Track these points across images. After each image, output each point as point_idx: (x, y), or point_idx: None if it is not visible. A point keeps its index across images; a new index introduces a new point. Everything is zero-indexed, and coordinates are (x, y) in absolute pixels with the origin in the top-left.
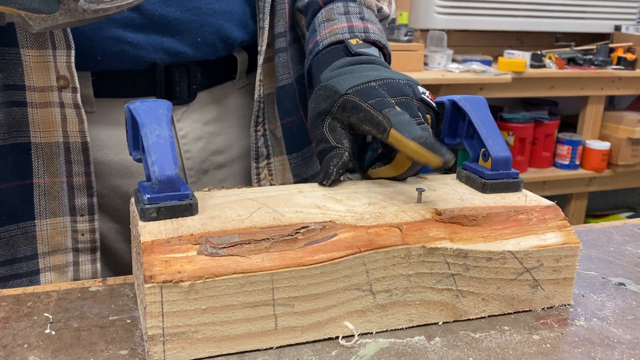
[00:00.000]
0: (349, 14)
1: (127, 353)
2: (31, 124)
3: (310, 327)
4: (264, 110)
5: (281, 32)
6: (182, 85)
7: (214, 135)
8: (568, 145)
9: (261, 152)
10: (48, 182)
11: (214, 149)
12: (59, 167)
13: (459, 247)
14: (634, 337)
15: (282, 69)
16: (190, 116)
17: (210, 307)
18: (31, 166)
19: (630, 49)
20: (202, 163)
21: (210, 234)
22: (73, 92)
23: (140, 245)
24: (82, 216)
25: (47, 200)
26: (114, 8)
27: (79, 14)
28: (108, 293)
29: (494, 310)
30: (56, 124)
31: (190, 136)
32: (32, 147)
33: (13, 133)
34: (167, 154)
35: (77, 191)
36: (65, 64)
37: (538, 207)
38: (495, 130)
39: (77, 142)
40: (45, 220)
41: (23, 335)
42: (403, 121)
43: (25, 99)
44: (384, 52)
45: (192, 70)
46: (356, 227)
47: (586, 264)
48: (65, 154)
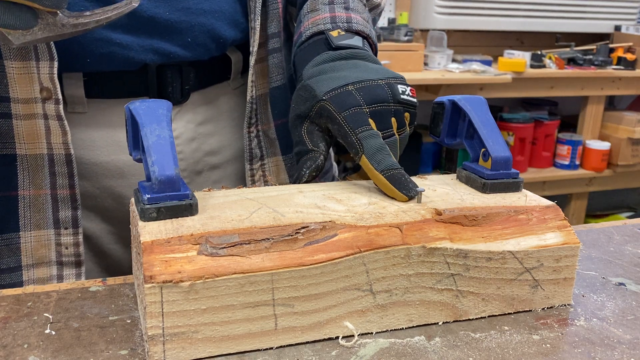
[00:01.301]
0: (333, 4)
1: (127, 353)
2: (16, 135)
3: (310, 327)
4: (257, 111)
5: (275, 33)
6: (174, 86)
7: (207, 136)
8: (568, 145)
9: (255, 153)
10: (33, 194)
11: (207, 150)
12: (43, 179)
13: (459, 247)
14: (634, 337)
15: (276, 70)
16: (183, 117)
17: (210, 307)
18: (17, 178)
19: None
20: (195, 164)
21: (210, 234)
22: (56, 103)
23: (140, 245)
24: (66, 229)
25: (31, 212)
26: (93, 22)
27: (57, 28)
28: (108, 293)
29: (494, 310)
30: (40, 135)
31: (184, 137)
32: (18, 158)
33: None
34: (167, 154)
35: (61, 204)
36: (48, 75)
37: (538, 207)
38: (495, 130)
39: (61, 154)
40: (30, 232)
41: (23, 335)
42: (374, 148)
43: (10, 110)
44: (369, 42)
45: (185, 71)
46: (356, 227)
47: (586, 264)
48: (49, 166)
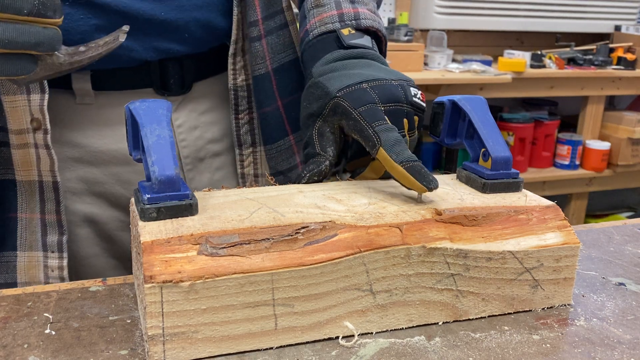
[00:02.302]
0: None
1: (127, 353)
2: (14, 163)
3: (310, 327)
4: (249, 99)
5: (253, 21)
6: (176, 78)
7: (210, 124)
8: (568, 145)
9: (244, 139)
10: (28, 217)
11: (209, 138)
12: (35, 203)
13: (459, 247)
14: (634, 337)
15: (257, 59)
16: (186, 106)
17: (210, 307)
18: (16, 201)
19: (630, 49)
20: (198, 151)
21: (210, 234)
22: (44, 133)
23: (140, 245)
24: (52, 252)
25: (27, 234)
26: (86, 59)
27: (56, 67)
28: (108, 293)
29: (494, 310)
30: (32, 163)
31: (186, 125)
32: (17, 184)
33: (1, 170)
34: (167, 154)
35: (49, 228)
36: (38, 107)
37: (538, 207)
38: (495, 130)
39: (49, 181)
40: (24, 252)
41: (23, 335)
42: (392, 140)
43: (8, 140)
44: (378, 35)
45: (185, 64)
46: (356, 227)
47: (586, 264)
48: (39, 192)
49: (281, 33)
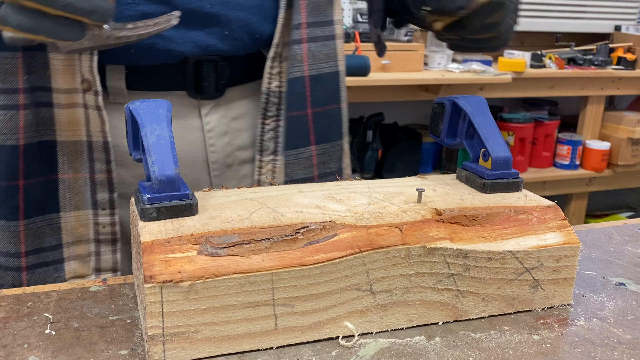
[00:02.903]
0: None
1: (127, 353)
2: (57, 123)
3: (310, 327)
4: (277, 104)
5: (297, 25)
6: (210, 81)
7: (239, 131)
8: (568, 145)
9: (266, 146)
10: (72, 177)
11: (239, 145)
12: (82, 163)
13: (459, 247)
14: (634, 337)
15: (294, 62)
16: (217, 111)
17: (210, 307)
18: (57, 162)
19: (630, 49)
20: (226, 157)
21: (210, 234)
22: (95, 94)
23: (140, 245)
24: (103, 210)
25: (71, 194)
26: (135, 36)
27: (102, 39)
28: (108, 293)
29: (494, 310)
30: (80, 123)
31: (216, 130)
32: (58, 144)
33: (40, 131)
34: (167, 154)
35: (99, 187)
36: (88, 68)
37: (538, 207)
38: (495, 130)
39: (100, 141)
40: (70, 212)
41: (23, 335)
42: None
43: (52, 100)
44: None
45: (220, 67)
46: (356, 227)
47: (586, 264)
48: (88, 152)
49: (327, 43)
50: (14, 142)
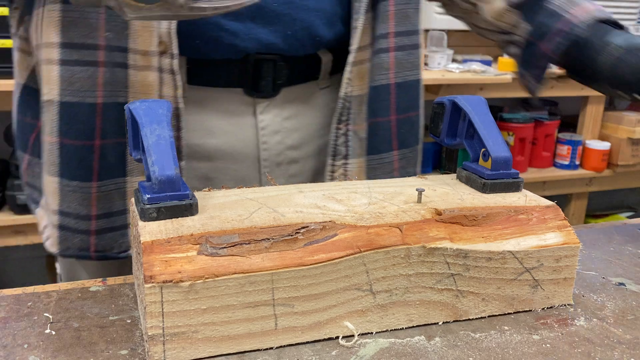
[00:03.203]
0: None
1: (127, 353)
2: (130, 85)
3: (310, 327)
4: (349, 110)
5: (384, 34)
6: (267, 80)
7: (292, 130)
8: (568, 145)
9: (339, 150)
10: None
11: (289, 144)
12: None
13: (459, 247)
14: (634, 337)
15: (380, 70)
16: (272, 110)
17: (210, 307)
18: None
19: None
20: (277, 156)
21: (210, 234)
22: (171, 57)
23: (140, 245)
24: None
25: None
26: (211, 9)
27: (175, 8)
28: (108, 293)
29: (494, 310)
30: (153, 87)
31: (269, 129)
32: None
33: (114, 92)
34: (167, 154)
35: None
36: (166, 30)
37: (538, 207)
38: (495, 130)
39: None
40: (136, 177)
41: (23, 335)
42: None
43: (127, 60)
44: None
45: (279, 66)
46: (356, 227)
47: (586, 264)
48: None
49: (413, 52)
50: (93, 99)
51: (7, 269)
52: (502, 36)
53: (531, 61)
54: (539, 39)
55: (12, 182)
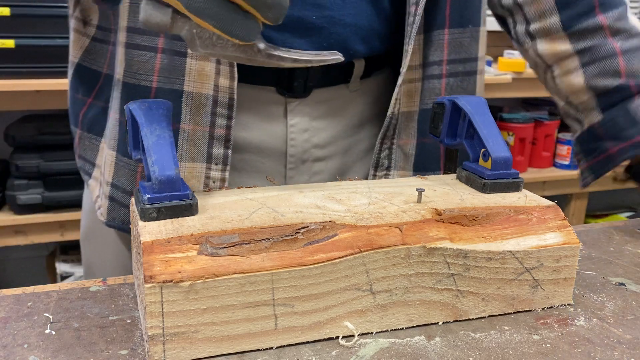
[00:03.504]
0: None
1: (127, 353)
2: (187, 73)
3: (310, 327)
4: (396, 125)
5: (437, 61)
6: (300, 81)
7: (319, 130)
8: (568, 145)
9: (382, 162)
10: (191, 129)
11: (316, 143)
12: (204, 116)
13: (459, 247)
14: (634, 337)
15: (431, 94)
16: (302, 110)
17: (211, 307)
18: (181, 112)
19: None
20: (303, 153)
21: (210, 234)
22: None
23: (141, 245)
24: (216, 165)
25: (188, 145)
26: (290, 60)
27: (252, 52)
28: (108, 293)
29: (494, 310)
30: (209, 77)
31: (298, 127)
32: (184, 94)
33: (171, 79)
34: (167, 154)
35: (216, 142)
36: None
37: (538, 207)
38: (495, 130)
39: (225, 97)
40: (185, 163)
41: (23, 335)
42: None
43: (186, 49)
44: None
45: (312, 70)
46: (356, 227)
47: (586, 264)
48: (212, 106)
49: (466, 79)
50: (148, 83)
51: (7, 269)
52: (569, 107)
53: (593, 152)
54: (611, 139)
55: (12, 182)
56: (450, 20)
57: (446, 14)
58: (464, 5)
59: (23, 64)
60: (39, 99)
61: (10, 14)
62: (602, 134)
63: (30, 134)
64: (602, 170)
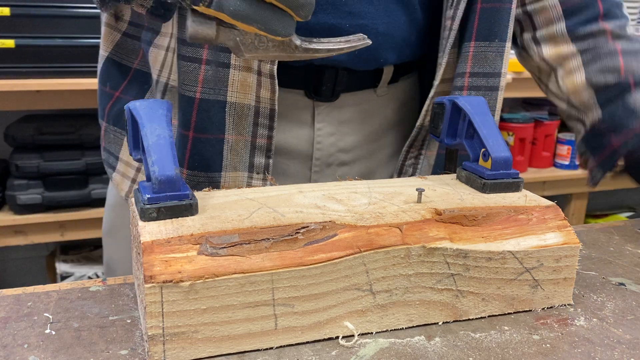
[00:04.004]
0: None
1: (127, 353)
2: (230, 84)
3: (310, 327)
4: (425, 136)
5: (461, 73)
6: (328, 86)
7: (345, 134)
8: (568, 145)
9: (406, 170)
10: (235, 139)
11: (342, 147)
12: (246, 126)
13: (459, 247)
14: (634, 337)
15: None
16: (330, 113)
17: (211, 307)
18: (224, 122)
19: None
20: (328, 157)
21: (210, 234)
22: (271, 63)
23: (140, 245)
24: (258, 174)
25: (231, 155)
26: (324, 51)
27: (290, 49)
28: (108, 293)
29: (494, 310)
30: (251, 88)
31: (325, 130)
32: (227, 105)
33: (216, 90)
34: (167, 154)
35: (257, 151)
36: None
37: (538, 207)
38: (495, 131)
39: (267, 107)
40: (229, 173)
41: (23, 335)
42: None
43: (230, 60)
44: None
45: (340, 75)
46: (356, 227)
47: (586, 264)
48: (254, 117)
49: (488, 94)
50: (192, 94)
51: (7, 269)
52: (570, 109)
53: (598, 149)
54: (612, 131)
55: (12, 182)
56: (477, 32)
57: (474, 27)
58: (494, 19)
59: (23, 64)
60: (39, 99)
61: (10, 14)
62: (604, 130)
63: (30, 134)
64: (609, 165)
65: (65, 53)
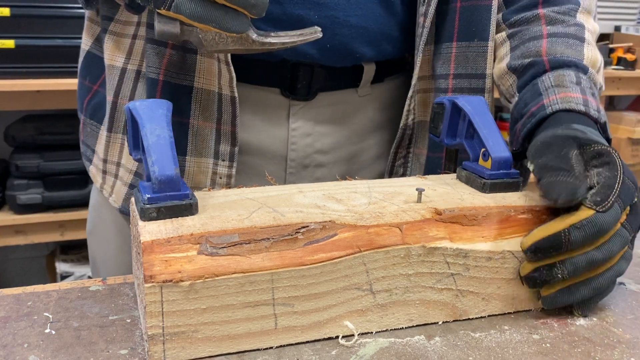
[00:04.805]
0: (582, 86)
1: (127, 353)
2: (198, 70)
3: (310, 326)
4: (411, 135)
5: (443, 74)
6: (303, 84)
7: (323, 135)
8: None
9: (396, 170)
10: (200, 124)
11: (319, 148)
12: (211, 113)
13: (458, 247)
14: (633, 337)
15: None
16: (305, 113)
17: (210, 306)
18: (190, 107)
19: (630, 49)
20: (304, 158)
21: (210, 233)
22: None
23: (140, 245)
24: (223, 161)
25: (197, 140)
26: (279, 44)
27: (248, 43)
28: (108, 293)
29: (494, 309)
30: (214, 74)
31: (300, 131)
32: (194, 90)
33: (181, 75)
34: (167, 154)
35: (222, 138)
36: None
37: (538, 207)
38: (495, 131)
39: (227, 95)
40: (193, 158)
41: (23, 335)
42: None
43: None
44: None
45: (316, 72)
46: (356, 226)
47: None
48: (218, 103)
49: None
50: (155, 76)
51: (7, 269)
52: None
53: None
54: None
55: (12, 182)
56: (459, 33)
57: (455, 27)
58: (471, 18)
59: (23, 64)
60: (39, 99)
61: (10, 14)
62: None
63: (30, 134)
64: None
65: (65, 53)
